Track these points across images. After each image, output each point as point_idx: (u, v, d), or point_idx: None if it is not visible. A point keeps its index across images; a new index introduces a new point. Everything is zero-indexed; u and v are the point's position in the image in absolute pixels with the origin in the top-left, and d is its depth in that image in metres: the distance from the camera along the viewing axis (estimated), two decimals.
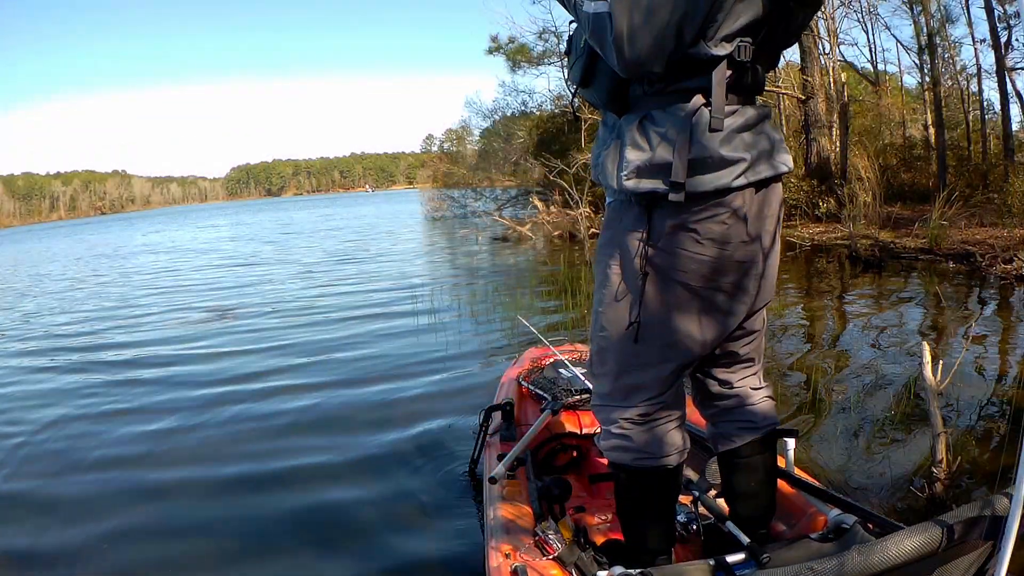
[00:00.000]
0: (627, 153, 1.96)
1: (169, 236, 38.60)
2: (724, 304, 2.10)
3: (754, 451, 2.39)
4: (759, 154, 1.96)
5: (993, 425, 4.59)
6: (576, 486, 3.21)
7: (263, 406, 5.97)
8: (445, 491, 4.15)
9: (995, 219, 12.81)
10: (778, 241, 2.16)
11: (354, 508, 4.02)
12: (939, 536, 1.64)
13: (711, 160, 1.90)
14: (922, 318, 7.89)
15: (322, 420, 5.55)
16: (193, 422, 5.62)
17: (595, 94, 2.10)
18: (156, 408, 6.10)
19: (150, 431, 5.52)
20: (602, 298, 2.16)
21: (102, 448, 5.23)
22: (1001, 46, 17.24)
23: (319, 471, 4.58)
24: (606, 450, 2.28)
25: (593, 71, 2.05)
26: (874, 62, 24.65)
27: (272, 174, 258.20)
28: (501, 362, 6.83)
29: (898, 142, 22.57)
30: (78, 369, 7.79)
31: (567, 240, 19.49)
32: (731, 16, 1.85)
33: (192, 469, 4.73)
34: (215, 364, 7.47)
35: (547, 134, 28.52)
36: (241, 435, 5.34)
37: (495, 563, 2.40)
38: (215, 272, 17.41)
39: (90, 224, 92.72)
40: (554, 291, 10.88)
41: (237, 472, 4.64)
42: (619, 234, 2.09)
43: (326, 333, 8.66)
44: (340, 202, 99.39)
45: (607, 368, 2.20)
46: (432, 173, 37.54)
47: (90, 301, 13.50)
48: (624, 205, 2.07)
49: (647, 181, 1.93)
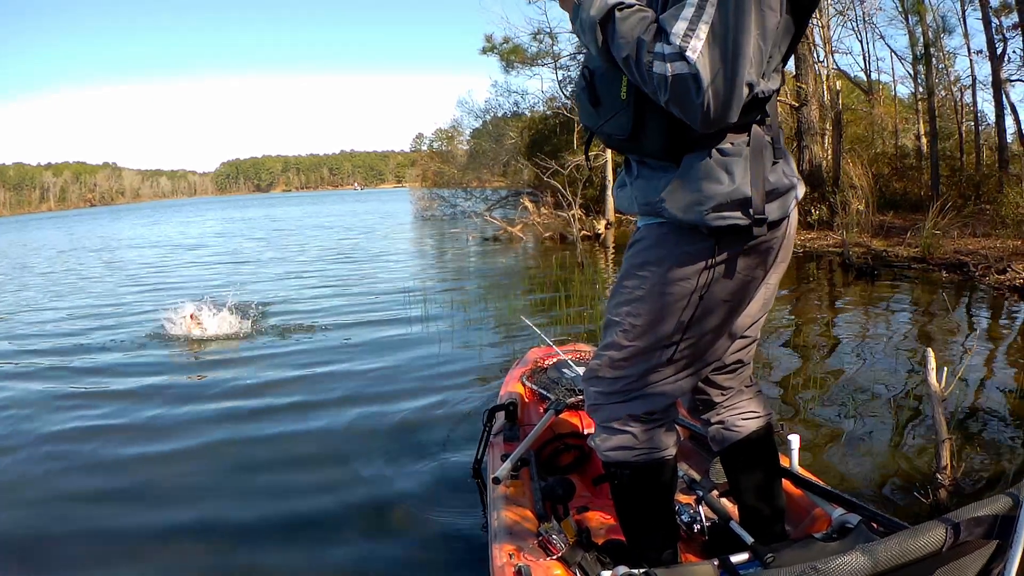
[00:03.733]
0: (704, 187, 1.90)
1: (158, 231, 38.25)
2: (746, 316, 2.19)
3: (756, 443, 2.44)
4: (797, 176, 2.04)
5: (993, 431, 4.62)
6: (580, 486, 3.22)
7: (260, 407, 5.89)
8: (448, 491, 4.13)
9: (988, 230, 12.88)
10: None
11: (357, 509, 4.01)
12: (943, 535, 1.63)
13: (778, 189, 1.95)
14: (916, 326, 7.90)
15: (320, 421, 5.49)
16: (193, 438, 5.28)
17: (646, 146, 2.00)
18: (129, 425, 5.60)
19: (124, 452, 5.06)
20: (638, 312, 2.12)
21: (68, 471, 4.79)
22: (997, 58, 17.27)
23: (320, 473, 4.54)
24: (608, 450, 2.26)
25: (643, 124, 1.95)
26: (867, 71, 24.73)
27: (261, 169, 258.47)
28: (497, 362, 6.84)
29: (890, 151, 22.67)
30: (47, 376, 7.26)
31: (558, 241, 19.42)
32: (778, 48, 1.87)
33: (192, 475, 4.63)
34: (209, 371, 7.19)
35: (539, 135, 28.54)
36: (240, 435, 5.28)
37: (499, 563, 2.41)
38: (203, 270, 17.11)
39: (81, 216, 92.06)
40: (548, 292, 10.85)
41: (236, 474, 4.60)
42: (671, 256, 2.04)
43: (318, 334, 8.51)
44: (329, 199, 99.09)
45: (624, 373, 2.19)
46: (422, 172, 37.53)
47: (70, 297, 13.15)
48: (678, 231, 2.01)
49: (729, 214, 1.90)
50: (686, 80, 1.69)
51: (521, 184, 29.48)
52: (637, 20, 1.79)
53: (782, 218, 2.00)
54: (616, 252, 16.71)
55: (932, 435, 4.23)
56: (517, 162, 28.39)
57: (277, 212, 55.58)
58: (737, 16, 1.68)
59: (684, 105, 1.73)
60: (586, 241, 18.68)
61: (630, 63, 1.79)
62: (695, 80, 1.68)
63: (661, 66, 1.72)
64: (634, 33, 1.77)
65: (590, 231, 19.62)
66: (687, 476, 2.82)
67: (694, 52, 1.67)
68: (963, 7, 19.51)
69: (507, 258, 17.00)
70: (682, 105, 1.73)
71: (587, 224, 19.97)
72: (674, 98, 1.73)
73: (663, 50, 1.72)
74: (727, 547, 2.32)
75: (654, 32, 1.76)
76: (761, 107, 1.92)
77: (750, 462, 2.46)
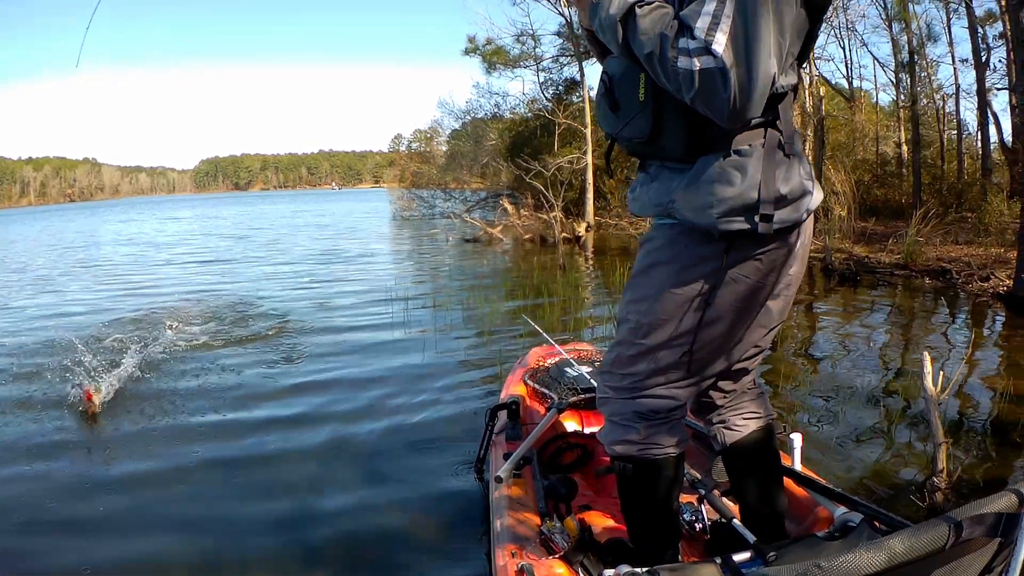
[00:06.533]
0: (716, 190, 1.89)
1: (137, 227, 37.82)
2: (756, 324, 2.17)
3: (757, 443, 2.45)
4: (813, 182, 2.02)
5: (984, 436, 4.67)
6: (582, 485, 3.25)
7: (255, 407, 5.83)
8: (451, 490, 4.16)
9: (971, 237, 12.95)
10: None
11: (359, 508, 4.00)
12: (946, 533, 1.62)
13: (791, 194, 1.92)
14: (899, 331, 7.98)
15: (317, 423, 5.41)
16: (189, 445, 5.05)
17: (666, 148, 1.99)
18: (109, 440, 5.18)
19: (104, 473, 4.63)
20: (647, 311, 2.12)
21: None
22: (982, 66, 17.32)
23: (320, 473, 4.51)
24: (613, 443, 2.28)
25: (661, 124, 1.94)
26: (849, 78, 24.84)
27: (240, 168, 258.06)
28: (486, 360, 6.85)
29: (871, 158, 22.78)
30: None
31: (537, 243, 19.45)
32: (795, 43, 1.87)
33: (192, 483, 4.48)
34: (200, 379, 6.77)
35: (519, 137, 28.58)
36: (238, 437, 5.19)
37: (501, 562, 2.43)
38: (178, 270, 16.48)
39: (62, 211, 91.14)
40: (530, 294, 10.79)
41: (235, 476, 4.51)
42: (681, 257, 2.04)
43: (297, 338, 8.30)
44: (307, 198, 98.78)
45: (632, 370, 2.19)
46: (400, 172, 37.47)
47: (38, 298, 12.52)
48: (689, 232, 2.01)
49: (738, 217, 1.89)
50: (713, 74, 1.69)
51: (500, 185, 29.52)
52: (659, 16, 1.79)
53: (795, 224, 1.97)
54: (596, 255, 16.68)
55: (923, 438, 4.34)
56: (497, 163, 28.37)
57: (255, 211, 55.10)
58: (758, 9, 1.69)
59: (711, 100, 1.72)
60: (566, 244, 18.68)
61: (653, 59, 1.78)
62: (722, 74, 1.68)
63: (687, 61, 1.72)
64: (656, 29, 1.77)
65: (570, 234, 19.63)
66: (690, 475, 2.81)
67: (719, 46, 1.68)
68: (948, 15, 19.63)
69: (487, 260, 16.95)
70: (708, 100, 1.73)
71: (567, 227, 19.92)
72: (701, 93, 1.72)
73: (688, 45, 1.72)
74: (729, 546, 2.31)
75: (676, 28, 1.75)
76: (775, 106, 1.91)
77: (751, 462, 2.46)
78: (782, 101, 1.94)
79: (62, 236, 32.58)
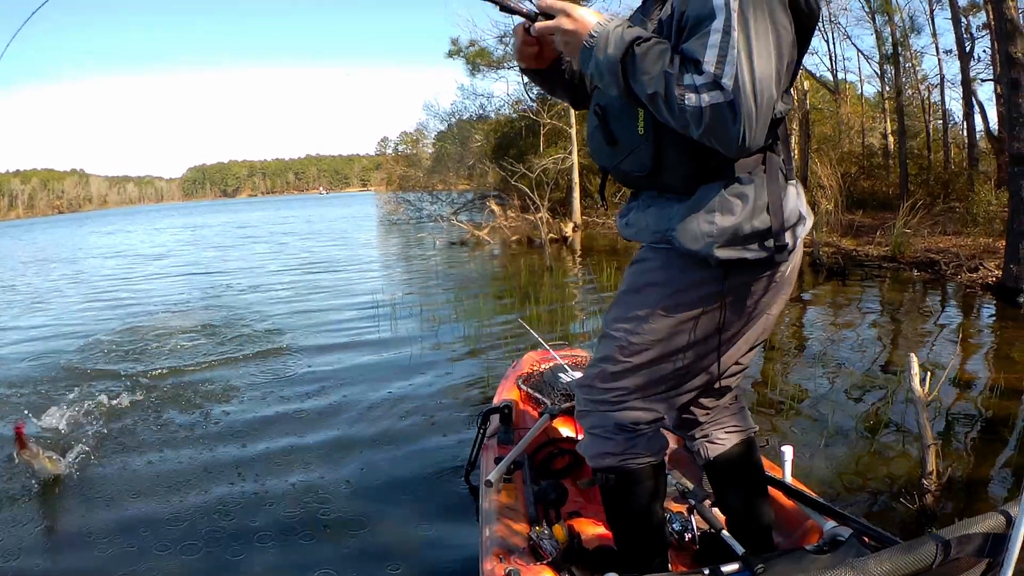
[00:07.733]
0: (717, 220, 1.87)
1: (123, 239, 37.48)
2: (744, 342, 2.17)
3: (739, 457, 2.44)
4: (806, 207, 2.04)
5: (975, 432, 4.69)
6: (572, 491, 3.25)
7: (253, 408, 5.85)
8: (441, 494, 4.18)
9: (958, 228, 12.95)
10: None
11: (347, 511, 4.01)
12: (934, 552, 1.63)
13: (787, 221, 1.92)
14: (888, 325, 7.97)
15: (305, 427, 5.39)
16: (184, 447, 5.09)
17: (666, 180, 1.96)
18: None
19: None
20: (636, 330, 2.09)
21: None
22: (966, 56, 17.33)
23: (307, 478, 4.49)
24: (594, 456, 2.26)
25: (663, 158, 1.91)
26: (834, 71, 24.85)
27: (227, 175, 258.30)
28: (483, 367, 6.86)
29: (857, 150, 22.78)
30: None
31: (525, 244, 19.45)
32: (790, 67, 1.85)
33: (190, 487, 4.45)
34: (193, 388, 6.68)
35: (505, 138, 28.55)
36: (238, 437, 5.21)
37: (489, 566, 2.44)
38: (167, 282, 16.01)
39: (49, 223, 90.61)
40: (517, 296, 10.75)
41: (231, 482, 4.48)
42: (676, 281, 2.02)
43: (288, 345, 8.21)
44: (294, 204, 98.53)
45: (616, 385, 2.17)
46: (387, 175, 37.39)
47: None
48: (686, 257, 1.98)
49: (738, 246, 1.88)
50: (723, 109, 1.66)
51: (487, 187, 29.49)
52: (658, 53, 1.74)
53: (792, 249, 1.96)
54: (583, 255, 16.66)
55: (914, 439, 4.32)
56: (483, 165, 28.33)
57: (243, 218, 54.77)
58: (761, 38, 1.68)
59: (720, 134, 1.69)
60: (553, 244, 18.69)
61: (658, 99, 1.73)
62: (731, 108, 1.65)
63: (695, 98, 1.68)
64: (657, 67, 1.72)
65: (557, 234, 19.61)
66: (680, 485, 2.81)
67: (729, 79, 1.65)
68: (931, 6, 19.74)
69: (475, 264, 16.89)
70: (718, 134, 1.70)
71: (554, 227, 19.89)
72: (711, 129, 1.69)
73: (695, 81, 1.68)
74: (718, 557, 2.32)
75: (679, 63, 1.72)
76: (774, 130, 1.90)
77: (734, 475, 2.45)
78: (780, 125, 1.93)
79: (47, 250, 32.28)
